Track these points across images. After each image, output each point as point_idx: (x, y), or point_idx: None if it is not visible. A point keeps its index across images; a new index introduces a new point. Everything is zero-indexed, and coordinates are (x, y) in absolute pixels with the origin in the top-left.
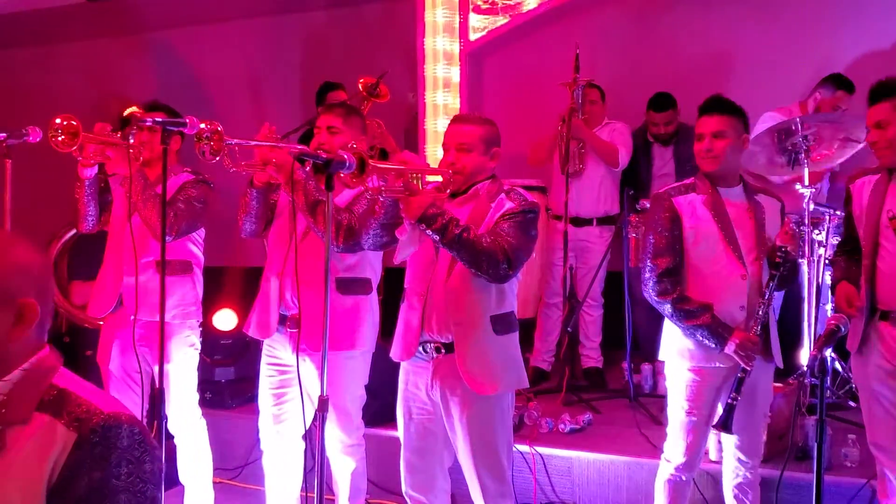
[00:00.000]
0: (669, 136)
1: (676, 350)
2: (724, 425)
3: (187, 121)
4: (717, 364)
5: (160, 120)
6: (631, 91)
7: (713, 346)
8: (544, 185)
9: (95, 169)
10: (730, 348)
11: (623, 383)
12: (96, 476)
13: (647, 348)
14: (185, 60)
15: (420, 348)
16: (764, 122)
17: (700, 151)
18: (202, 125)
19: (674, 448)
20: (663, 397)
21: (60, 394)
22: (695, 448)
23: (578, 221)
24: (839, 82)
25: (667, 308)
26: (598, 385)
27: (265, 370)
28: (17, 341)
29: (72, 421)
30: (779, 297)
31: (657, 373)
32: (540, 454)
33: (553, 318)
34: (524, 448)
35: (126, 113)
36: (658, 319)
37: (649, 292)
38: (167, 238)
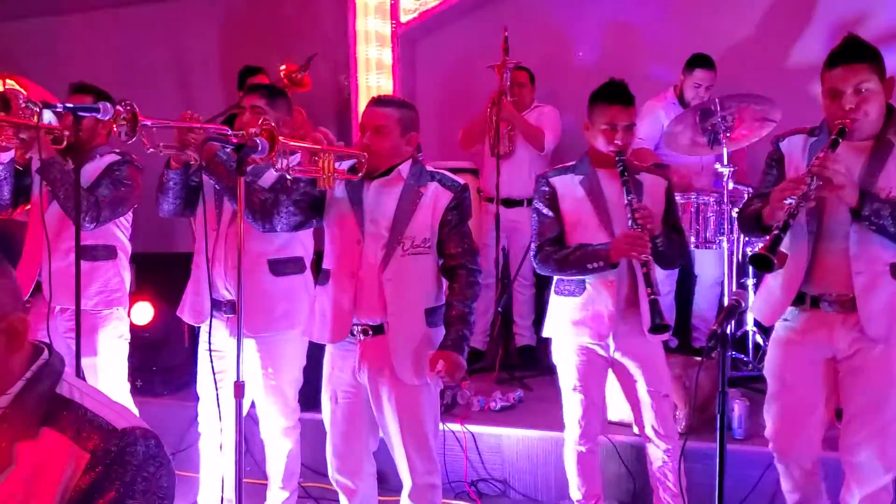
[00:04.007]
0: None
1: (560, 328)
2: (655, 327)
3: (100, 106)
4: (599, 343)
5: (71, 105)
6: (562, 75)
7: (605, 264)
8: (476, 167)
9: (12, 153)
10: (615, 254)
11: None
12: (110, 497)
13: None
14: (106, 43)
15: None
16: (646, 112)
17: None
18: (118, 106)
19: (569, 421)
20: None
21: (68, 407)
22: (587, 418)
23: (510, 203)
24: (694, 61)
25: (551, 267)
26: (530, 363)
27: (203, 356)
28: (15, 358)
29: (83, 440)
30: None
31: None
32: (471, 433)
33: (486, 299)
34: (456, 427)
35: None
36: None
37: (537, 264)
38: (89, 226)
